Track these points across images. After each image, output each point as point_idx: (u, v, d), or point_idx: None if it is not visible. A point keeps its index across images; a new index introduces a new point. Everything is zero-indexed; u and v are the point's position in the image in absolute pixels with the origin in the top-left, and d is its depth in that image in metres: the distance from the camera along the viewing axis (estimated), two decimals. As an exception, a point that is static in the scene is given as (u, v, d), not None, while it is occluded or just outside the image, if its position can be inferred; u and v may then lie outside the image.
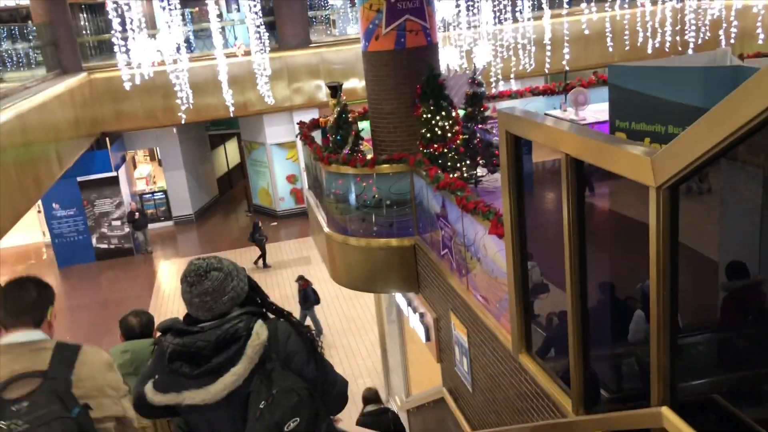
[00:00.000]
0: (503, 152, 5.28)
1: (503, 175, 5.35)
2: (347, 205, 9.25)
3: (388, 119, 9.82)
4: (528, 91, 12.83)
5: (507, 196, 5.32)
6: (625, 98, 5.00)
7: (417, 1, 9.49)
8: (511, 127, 5.12)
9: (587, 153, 4.06)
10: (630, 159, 3.56)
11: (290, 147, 22.87)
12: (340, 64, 21.58)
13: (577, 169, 4.35)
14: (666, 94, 4.70)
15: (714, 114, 2.88)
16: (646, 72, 5.13)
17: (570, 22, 18.76)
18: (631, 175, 3.57)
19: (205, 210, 25.01)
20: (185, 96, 18.98)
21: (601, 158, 3.89)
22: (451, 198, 7.02)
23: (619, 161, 3.71)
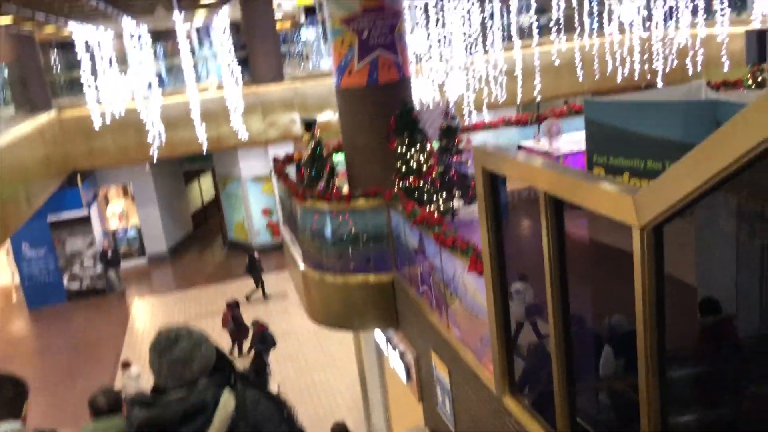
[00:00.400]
0: (480, 189, 5.20)
1: (481, 213, 5.27)
2: (323, 241, 9.11)
3: (362, 153, 9.75)
4: (501, 122, 12.87)
5: (485, 233, 5.23)
6: (602, 133, 4.96)
7: (389, 37, 9.50)
8: (487, 163, 5.05)
9: (566, 191, 3.98)
10: (611, 198, 3.49)
11: (266, 180, 22.69)
12: (314, 97, 21.58)
13: (556, 206, 4.28)
14: (644, 128, 4.68)
15: (699, 153, 2.82)
16: (623, 106, 5.11)
17: (541, 52, 19.00)
18: (613, 214, 3.49)
19: (179, 246, 24.67)
20: (158, 133, 18.85)
21: (580, 196, 3.81)
22: (429, 234, 6.92)
23: (599, 200, 3.63)
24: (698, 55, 18.44)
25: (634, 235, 3.35)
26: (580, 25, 21.46)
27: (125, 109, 19.31)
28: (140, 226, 23.57)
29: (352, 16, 9.37)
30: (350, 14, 9.36)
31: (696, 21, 18.64)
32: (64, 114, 19.96)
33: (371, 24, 9.38)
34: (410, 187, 9.24)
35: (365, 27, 9.38)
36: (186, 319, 18.22)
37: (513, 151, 5.25)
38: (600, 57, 20.76)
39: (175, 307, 19.27)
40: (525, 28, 21.55)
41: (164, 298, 20.26)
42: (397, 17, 9.57)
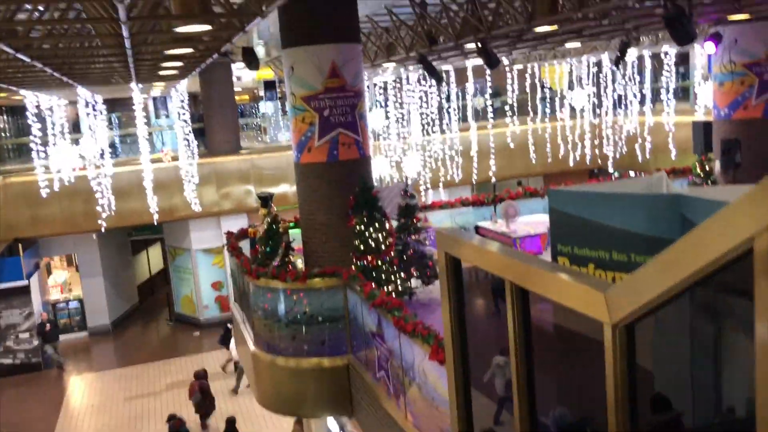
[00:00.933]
0: (443, 276, 5.05)
1: (444, 299, 5.10)
2: (276, 322, 8.77)
3: (320, 231, 9.57)
4: (458, 201, 12.92)
5: (448, 321, 5.04)
6: (567, 222, 4.91)
7: (350, 116, 9.51)
8: (451, 249, 4.93)
9: (535, 283, 3.86)
10: (582, 293, 3.38)
11: (217, 252, 22.19)
12: (270, 169, 21.48)
13: (523, 297, 4.15)
14: (608, 219, 4.65)
15: (676, 251, 2.72)
16: (587, 197, 5.11)
17: (495, 134, 19.44)
18: (583, 309, 3.36)
19: (123, 319, 23.69)
20: (107, 202, 18.38)
21: (549, 289, 3.69)
22: (388, 317, 6.70)
23: (568, 294, 3.52)
24: (646, 143, 19.11)
25: (605, 332, 3.21)
26: (532, 109, 22.17)
27: (75, 177, 18.82)
28: (83, 297, 22.61)
29: (313, 95, 9.37)
30: (312, 93, 9.37)
31: (644, 109, 19.39)
32: (8, 180, 19.32)
33: (332, 103, 9.39)
34: (368, 267, 9.06)
35: (326, 106, 9.38)
36: (126, 398, 17.29)
37: (472, 234, 5.14)
38: (552, 140, 21.35)
39: (116, 385, 18.30)
40: (480, 110, 22.08)
41: (104, 375, 19.24)
42: (358, 97, 9.61)
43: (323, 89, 9.34)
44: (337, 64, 9.33)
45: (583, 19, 8.74)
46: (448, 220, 12.83)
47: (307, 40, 9.29)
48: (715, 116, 12.27)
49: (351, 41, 9.50)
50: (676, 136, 17.96)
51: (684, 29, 5.73)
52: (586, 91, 21.90)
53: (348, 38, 9.47)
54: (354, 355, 8.40)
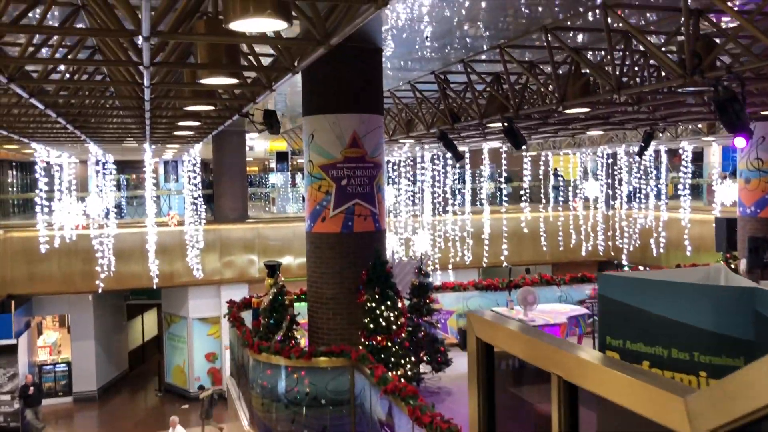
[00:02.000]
0: (472, 364, 4.53)
1: (471, 391, 4.56)
2: (275, 401, 8.12)
3: (328, 305, 9.05)
4: (471, 284, 12.42)
5: (476, 417, 4.49)
6: (619, 312, 4.40)
7: (368, 187, 9.16)
8: (485, 333, 4.42)
9: (591, 380, 3.35)
10: (654, 395, 2.87)
11: (213, 322, 21.49)
12: (276, 240, 21.07)
13: (571, 396, 3.63)
14: (668, 312, 4.15)
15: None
16: (644, 285, 4.60)
17: (507, 218, 19.10)
18: (654, 416, 2.85)
19: (111, 386, 22.72)
20: (107, 262, 17.94)
21: (609, 388, 3.18)
22: (401, 405, 6.10)
23: (637, 395, 3.00)
24: (660, 237, 18.72)
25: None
26: (545, 196, 21.93)
27: (76, 235, 18.43)
28: (72, 360, 21.76)
29: (332, 163, 9.05)
30: (330, 161, 9.06)
31: (659, 203, 19.10)
32: (8, 234, 18.91)
33: (351, 173, 9.06)
34: (377, 347, 8.48)
35: (344, 175, 9.05)
36: (104, 472, 16.26)
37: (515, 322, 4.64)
38: (564, 229, 20.98)
39: (95, 457, 17.27)
40: (491, 195, 21.87)
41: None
42: (377, 168, 9.29)
43: (342, 158, 9.03)
44: (359, 134, 9.06)
45: (616, 103, 8.53)
46: (459, 303, 12.30)
47: (330, 108, 9.06)
48: (741, 213, 11.92)
49: (374, 112, 9.28)
50: (691, 233, 17.58)
51: (736, 114, 5.41)
52: (600, 181, 21.72)
53: (371, 109, 9.24)
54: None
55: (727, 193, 17.72)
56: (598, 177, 21.80)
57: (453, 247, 18.97)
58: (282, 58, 5.95)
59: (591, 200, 21.42)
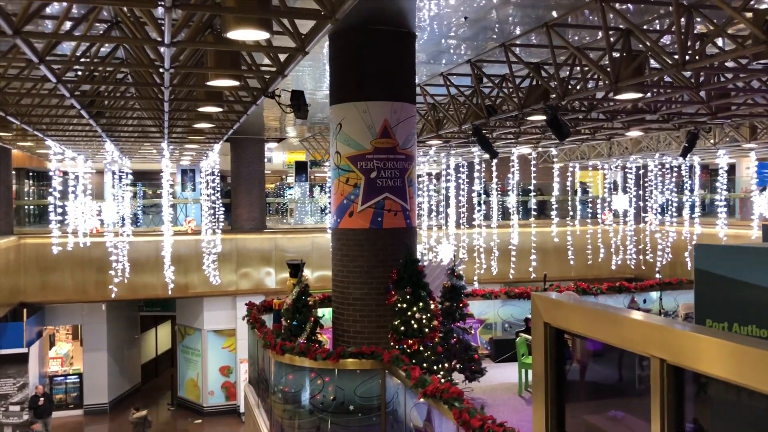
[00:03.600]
0: (539, 353, 3.89)
1: (537, 386, 3.91)
2: (298, 408, 7.46)
3: (355, 306, 8.41)
4: (503, 292, 11.74)
5: (542, 417, 3.84)
6: (722, 289, 3.68)
7: (399, 180, 8.56)
8: (555, 318, 3.79)
9: (705, 360, 2.70)
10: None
11: (228, 335, 20.90)
12: (293, 251, 20.45)
13: (677, 381, 2.98)
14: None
15: None
16: (759, 254, 3.86)
17: (535, 232, 18.40)
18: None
19: (122, 399, 22.11)
20: (122, 270, 17.45)
21: (737, 370, 2.51)
22: (443, 410, 5.43)
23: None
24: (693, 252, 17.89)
25: None
26: (572, 209, 21.23)
27: (90, 242, 17.98)
28: (83, 372, 21.20)
29: (361, 155, 8.47)
30: (359, 152, 8.47)
31: (693, 217, 18.34)
32: (22, 241, 18.48)
33: (381, 164, 8.47)
34: (408, 351, 7.81)
35: (374, 167, 8.46)
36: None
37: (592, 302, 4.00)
38: (593, 243, 20.22)
39: (104, 472, 16.62)
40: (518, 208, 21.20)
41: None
42: (409, 161, 8.69)
43: (372, 149, 8.44)
44: (390, 123, 8.48)
45: (669, 90, 7.89)
46: (490, 312, 11.62)
47: (360, 96, 8.49)
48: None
49: (406, 100, 8.69)
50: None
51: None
52: (629, 194, 21.00)
53: (403, 97, 8.66)
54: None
55: (765, 206, 16.96)
56: (628, 190, 21.08)
57: (479, 259, 18.27)
58: (293, 39, 5.60)
59: (621, 213, 20.66)
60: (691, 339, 2.80)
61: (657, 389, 2.97)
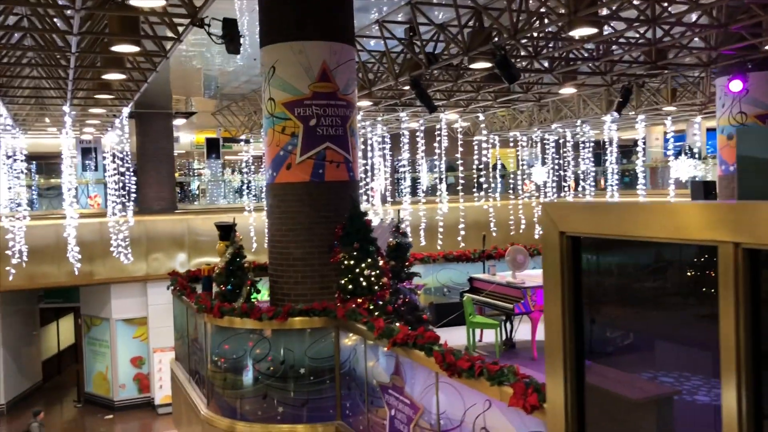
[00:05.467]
0: (552, 267, 3.36)
1: (551, 303, 3.39)
2: (241, 376, 6.68)
3: (295, 267, 7.67)
4: (441, 255, 11.29)
5: (560, 334, 3.32)
6: (764, 171, 3.21)
7: (340, 129, 7.89)
8: (577, 224, 3.26)
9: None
10: None
11: (140, 323, 19.53)
12: (208, 235, 19.22)
13: (754, 266, 2.51)
14: None
15: None
16: None
17: (456, 207, 18.15)
18: None
19: (21, 400, 20.25)
20: (17, 257, 15.83)
21: None
22: (419, 357, 4.83)
23: None
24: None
25: None
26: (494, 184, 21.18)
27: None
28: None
29: (298, 100, 7.72)
30: (296, 97, 7.73)
31: (611, 185, 18.61)
32: None
33: (321, 111, 7.76)
34: (356, 312, 7.17)
35: (313, 114, 7.74)
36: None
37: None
38: (515, 215, 20.23)
39: (4, 477, 15.08)
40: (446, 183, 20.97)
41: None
42: (350, 108, 8.03)
43: (311, 94, 7.72)
44: (329, 65, 7.78)
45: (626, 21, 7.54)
46: (428, 276, 11.14)
47: (295, 35, 7.73)
48: (723, 172, 11.30)
49: (345, 42, 8.01)
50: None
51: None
52: (547, 167, 21.19)
53: (343, 38, 7.97)
54: (345, 420, 6.37)
55: (683, 171, 17.44)
56: (546, 162, 21.25)
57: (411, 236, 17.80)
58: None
59: (541, 185, 20.79)
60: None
61: (729, 280, 2.50)
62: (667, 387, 3.15)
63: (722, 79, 10.79)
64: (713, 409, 2.63)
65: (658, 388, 3.22)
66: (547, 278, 3.45)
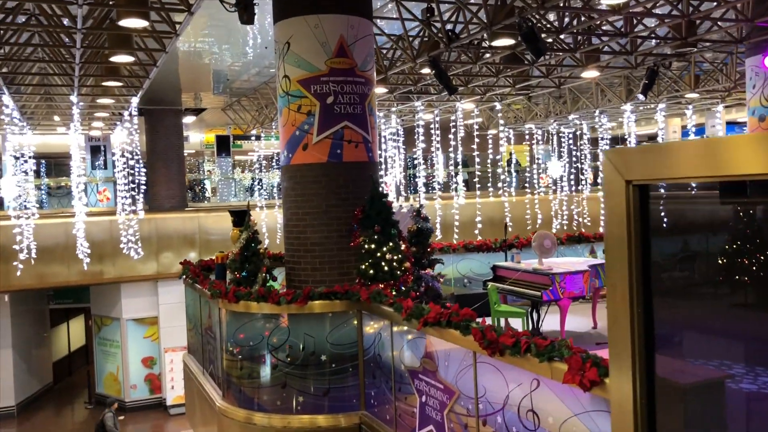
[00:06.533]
0: (618, 220, 2.97)
1: (614, 264, 2.99)
2: (258, 364, 6.30)
3: (313, 252, 7.30)
4: (461, 245, 10.88)
5: (628, 301, 2.93)
6: None
7: (358, 107, 7.51)
8: (648, 170, 2.87)
9: None
10: None
11: (150, 323, 19.24)
12: (219, 233, 18.91)
13: None
14: None
15: None
16: None
17: (476, 203, 17.74)
18: None
19: (32, 401, 20.00)
20: (26, 255, 15.54)
21: None
22: (454, 337, 4.44)
23: None
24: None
25: None
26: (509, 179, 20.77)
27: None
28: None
29: (314, 77, 7.36)
30: (313, 74, 7.36)
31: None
32: None
33: (338, 88, 7.39)
34: (379, 297, 6.78)
35: (330, 91, 7.37)
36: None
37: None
38: (531, 210, 19.79)
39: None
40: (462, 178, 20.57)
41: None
42: (369, 86, 7.66)
43: (328, 70, 7.35)
44: (346, 40, 7.42)
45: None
46: (448, 266, 10.74)
47: (311, 8, 7.37)
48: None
49: (363, 15, 7.65)
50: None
51: None
52: (563, 161, 20.76)
53: (360, 11, 7.61)
54: (369, 410, 5.98)
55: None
56: (562, 155, 20.83)
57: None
58: None
59: (557, 180, 20.34)
60: None
61: None
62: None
63: (754, 58, 10.35)
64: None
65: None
66: (611, 241, 3.03)
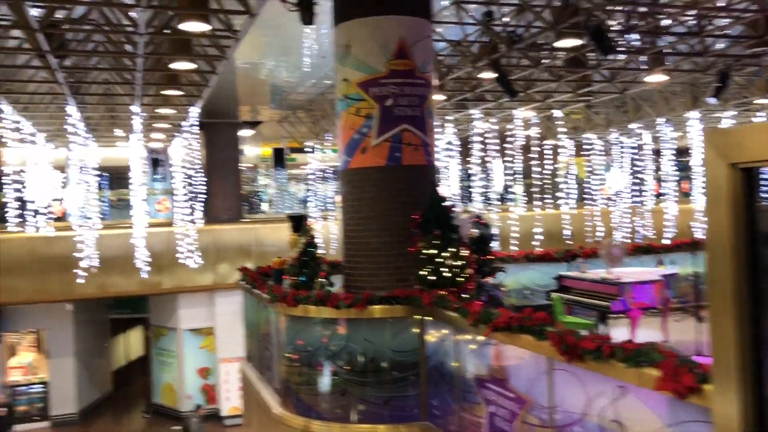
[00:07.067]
0: (718, 206, 2.69)
1: (715, 270, 2.69)
2: (317, 371, 6.14)
3: (371, 257, 7.11)
4: (522, 255, 10.55)
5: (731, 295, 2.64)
6: None
7: (418, 109, 7.34)
8: (747, 149, 2.59)
9: None
10: None
11: (206, 333, 19.38)
12: (276, 245, 18.92)
13: None
14: None
15: None
16: None
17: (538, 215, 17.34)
18: None
19: (93, 409, 20.36)
20: (88, 266, 15.86)
21: None
22: (526, 342, 4.17)
23: None
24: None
25: None
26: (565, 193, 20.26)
27: (54, 237, 16.40)
28: (49, 380, 19.40)
29: (374, 79, 7.22)
30: (372, 76, 7.23)
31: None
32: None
33: (398, 90, 7.23)
34: (440, 305, 6.53)
35: (390, 93, 7.22)
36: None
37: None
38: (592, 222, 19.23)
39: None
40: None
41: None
42: (428, 88, 7.48)
43: (387, 72, 7.20)
44: (406, 42, 7.26)
45: None
46: (509, 277, 10.41)
47: (371, 11, 7.26)
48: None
49: (422, 16, 7.49)
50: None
51: None
52: (625, 172, 20.14)
53: (420, 12, 7.46)
54: (432, 420, 5.72)
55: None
56: (623, 167, 20.20)
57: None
58: None
59: (618, 191, 19.74)
60: None
61: None
62: None
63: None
64: None
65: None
66: (713, 231, 2.74)
